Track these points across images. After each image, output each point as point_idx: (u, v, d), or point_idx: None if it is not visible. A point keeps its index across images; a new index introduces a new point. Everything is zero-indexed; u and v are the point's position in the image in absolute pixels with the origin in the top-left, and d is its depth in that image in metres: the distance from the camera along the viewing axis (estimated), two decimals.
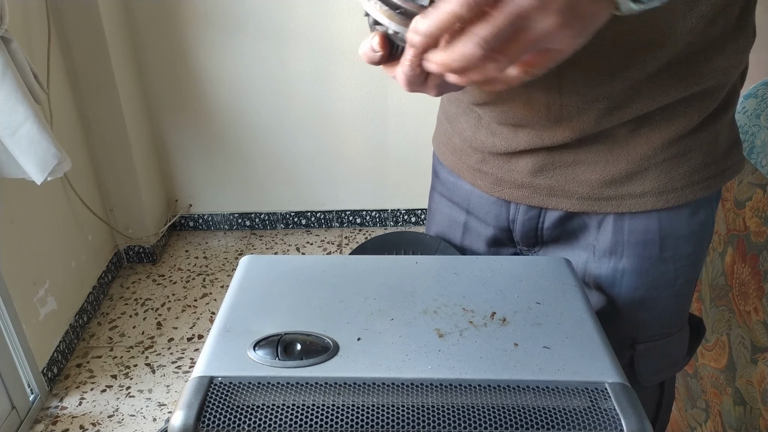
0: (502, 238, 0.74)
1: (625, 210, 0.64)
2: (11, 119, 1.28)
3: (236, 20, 1.97)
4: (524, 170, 0.66)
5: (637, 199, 0.63)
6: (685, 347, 0.76)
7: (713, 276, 1.07)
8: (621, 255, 0.66)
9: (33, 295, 1.57)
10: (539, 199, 0.67)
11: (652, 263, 0.66)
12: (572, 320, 0.55)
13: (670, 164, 0.62)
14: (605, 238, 0.66)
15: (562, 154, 0.63)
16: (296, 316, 0.55)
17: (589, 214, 0.66)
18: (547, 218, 0.69)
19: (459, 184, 0.75)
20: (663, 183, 0.62)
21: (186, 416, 0.45)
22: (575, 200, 0.65)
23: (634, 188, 0.63)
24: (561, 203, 0.66)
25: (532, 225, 0.70)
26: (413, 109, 2.15)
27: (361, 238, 2.35)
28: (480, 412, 0.45)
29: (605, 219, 0.66)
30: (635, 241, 0.65)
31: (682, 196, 0.63)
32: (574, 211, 0.66)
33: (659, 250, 0.65)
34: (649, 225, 0.64)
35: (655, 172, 0.62)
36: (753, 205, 0.94)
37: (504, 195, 0.69)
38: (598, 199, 0.64)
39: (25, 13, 1.53)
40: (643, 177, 0.62)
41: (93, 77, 1.82)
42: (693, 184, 0.63)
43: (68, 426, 1.53)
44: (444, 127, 0.76)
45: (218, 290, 2.04)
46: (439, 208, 0.80)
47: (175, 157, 2.22)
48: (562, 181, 0.65)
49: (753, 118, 0.97)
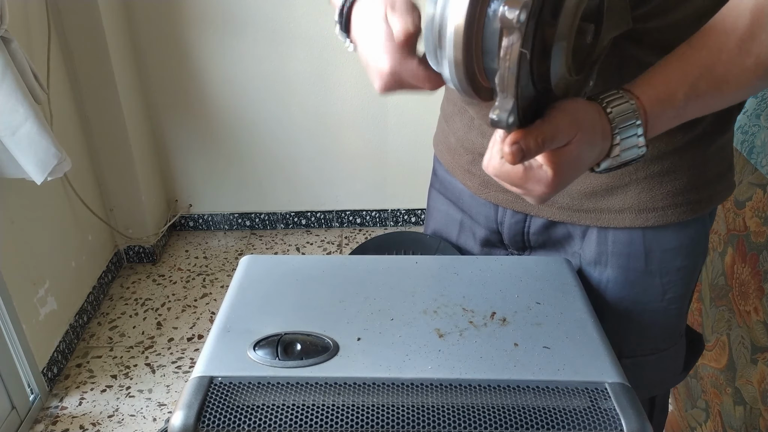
0: (493, 239, 0.74)
1: (604, 224, 0.63)
2: (11, 119, 1.28)
3: (236, 20, 1.97)
4: None
5: (616, 215, 0.63)
6: (679, 364, 0.74)
7: (713, 276, 1.07)
8: (606, 265, 0.66)
9: (33, 295, 1.57)
10: (522, 205, 0.67)
11: (637, 275, 0.65)
12: (572, 320, 0.55)
13: (652, 182, 0.61)
14: (590, 247, 0.66)
15: None
16: (296, 316, 0.55)
17: (572, 224, 0.66)
18: (532, 224, 0.69)
19: (454, 183, 0.76)
20: (644, 201, 0.61)
21: (186, 416, 0.45)
22: (556, 209, 0.65)
23: (613, 203, 0.62)
24: (543, 211, 0.66)
25: (518, 229, 0.70)
26: (413, 109, 2.15)
27: (361, 238, 2.35)
28: (480, 412, 0.45)
29: (589, 229, 0.65)
30: (619, 252, 0.65)
31: (663, 217, 0.62)
32: (555, 220, 0.66)
33: (644, 263, 0.64)
34: (633, 237, 0.64)
35: (636, 189, 0.61)
36: (753, 205, 0.94)
37: (490, 198, 0.70)
38: (578, 211, 0.64)
39: (25, 13, 1.53)
40: (624, 192, 0.61)
41: (93, 77, 1.82)
42: (676, 205, 0.62)
43: (68, 426, 1.53)
44: (442, 125, 0.77)
45: (218, 290, 2.04)
46: (437, 206, 0.80)
47: (175, 157, 2.22)
48: None
49: (753, 118, 0.97)
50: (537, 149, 0.42)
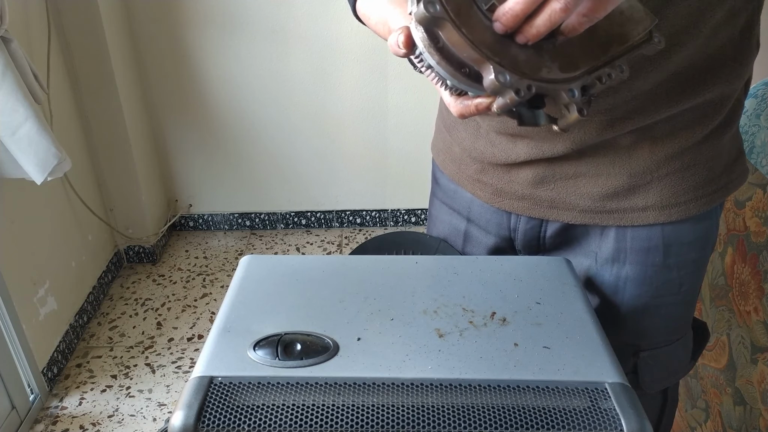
0: (503, 246, 0.73)
1: (627, 223, 0.63)
2: (11, 119, 1.28)
3: (236, 20, 1.97)
4: (524, 182, 0.66)
5: (639, 213, 0.63)
6: (689, 353, 0.75)
7: (713, 276, 1.07)
8: (624, 262, 0.66)
9: (33, 295, 1.57)
10: (540, 211, 0.66)
11: (655, 270, 0.65)
12: (572, 320, 0.55)
13: (674, 178, 0.61)
14: (608, 245, 0.66)
15: (563, 166, 0.63)
16: (296, 316, 0.55)
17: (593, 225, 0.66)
18: (549, 228, 0.68)
19: (460, 193, 0.75)
20: (666, 197, 0.62)
21: (186, 416, 0.45)
22: (576, 213, 0.65)
23: (636, 202, 0.62)
24: (562, 215, 0.65)
25: (534, 234, 0.69)
26: (413, 109, 2.15)
27: (361, 238, 2.35)
28: (480, 412, 0.45)
29: (607, 227, 0.65)
30: (638, 248, 0.65)
31: (686, 211, 0.62)
32: (575, 223, 0.66)
33: (663, 257, 0.65)
34: (652, 233, 0.64)
35: (658, 186, 0.61)
36: (753, 205, 0.94)
37: (504, 206, 0.69)
38: (600, 212, 0.64)
39: (25, 13, 1.53)
40: (646, 190, 0.61)
41: (93, 77, 1.82)
42: (697, 198, 0.62)
43: (68, 426, 1.53)
44: (443, 135, 0.76)
45: (218, 290, 2.04)
46: (440, 216, 0.80)
47: (175, 157, 2.22)
48: (564, 194, 0.64)
49: (753, 118, 0.97)
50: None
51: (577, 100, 0.41)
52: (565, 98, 0.41)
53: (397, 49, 0.44)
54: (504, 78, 0.39)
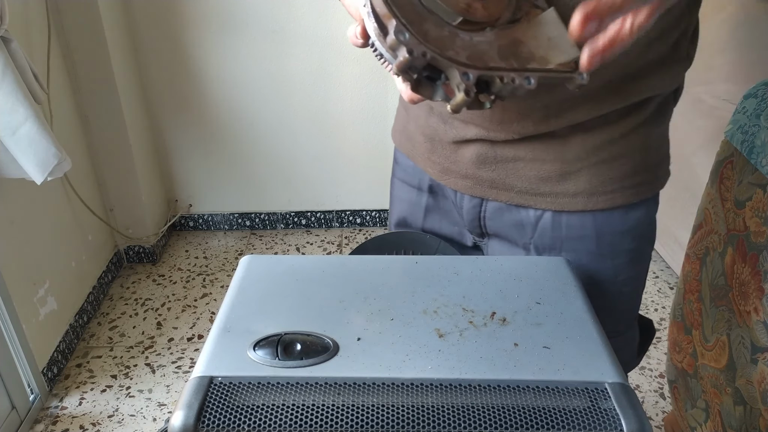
0: (459, 221, 0.77)
1: (559, 208, 0.67)
2: (11, 119, 1.28)
3: (236, 20, 1.97)
4: (468, 161, 0.69)
5: (570, 198, 0.67)
6: (634, 349, 0.79)
7: (713, 276, 1.07)
8: (560, 250, 0.70)
9: (33, 295, 1.57)
10: (481, 190, 0.70)
11: (589, 258, 0.69)
12: (572, 320, 0.55)
13: (602, 167, 0.65)
14: (544, 234, 0.70)
15: (504, 149, 0.67)
16: (296, 316, 0.55)
17: (527, 208, 0.69)
18: (488, 208, 0.72)
19: (417, 169, 0.78)
20: (594, 185, 0.65)
21: (186, 416, 0.45)
22: (513, 193, 0.68)
23: (567, 187, 0.66)
24: (501, 195, 0.69)
25: (475, 213, 0.73)
26: None
27: (361, 238, 2.35)
28: (480, 412, 0.45)
29: (543, 216, 0.69)
30: (573, 236, 0.68)
31: (612, 200, 0.66)
32: (512, 203, 0.69)
33: (596, 245, 0.68)
34: (585, 221, 0.68)
35: (587, 174, 0.65)
36: (753, 205, 0.94)
37: (450, 184, 0.73)
38: (535, 194, 0.68)
39: (25, 13, 1.53)
40: (577, 177, 0.65)
41: (93, 77, 1.82)
42: (623, 189, 0.66)
43: (68, 426, 1.53)
44: (401, 114, 0.80)
45: (218, 290, 2.04)
46: (400, 194, 0.83)
47: (175, 157, 2.22)
48: (503, 175, 0.68)
49: (753, 118, 0.97)
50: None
51: (468, 83, 0.42)
52: (458, 78, 0.42)
53: (355, 39, 0.48)
54: (403, 36, 0.41)
